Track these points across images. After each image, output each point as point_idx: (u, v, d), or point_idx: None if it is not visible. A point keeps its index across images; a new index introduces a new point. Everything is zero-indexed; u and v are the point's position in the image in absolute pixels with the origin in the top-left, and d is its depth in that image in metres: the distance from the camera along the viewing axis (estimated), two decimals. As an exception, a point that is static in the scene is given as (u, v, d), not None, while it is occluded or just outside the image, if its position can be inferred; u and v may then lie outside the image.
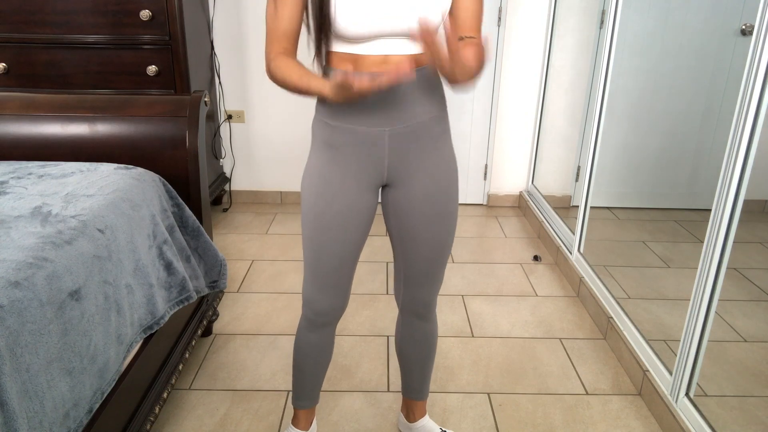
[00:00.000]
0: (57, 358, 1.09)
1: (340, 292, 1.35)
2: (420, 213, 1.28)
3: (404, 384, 1.59)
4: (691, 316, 1.61)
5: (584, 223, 2.50)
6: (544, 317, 2.29)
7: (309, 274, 1.32)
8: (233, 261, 2.70)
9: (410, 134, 1.21)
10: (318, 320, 1.39)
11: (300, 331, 1.44)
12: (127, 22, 2.54)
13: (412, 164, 1.24)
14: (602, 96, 2.30)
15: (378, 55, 1.14)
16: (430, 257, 1.33)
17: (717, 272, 1.53)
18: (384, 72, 1.06)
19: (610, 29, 2.23)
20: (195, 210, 1.84)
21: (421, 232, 1.30)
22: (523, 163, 3.45)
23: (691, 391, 1.64)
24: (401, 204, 1.28)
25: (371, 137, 1.19)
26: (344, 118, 1.19)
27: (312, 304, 1.36)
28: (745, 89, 1.40)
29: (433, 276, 1.37)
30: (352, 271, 1.34)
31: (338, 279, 1.32)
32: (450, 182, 1.29)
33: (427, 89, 1.20)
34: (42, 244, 1.18)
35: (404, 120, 1.19)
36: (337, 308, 1.37)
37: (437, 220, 1.29)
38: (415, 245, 1.32)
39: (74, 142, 1.80)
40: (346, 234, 1.26)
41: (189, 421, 1.71)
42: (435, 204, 1.27)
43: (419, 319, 1.45)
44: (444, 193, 1.28)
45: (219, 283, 1.92)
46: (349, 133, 1.19)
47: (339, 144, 1.21)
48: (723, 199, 1.48)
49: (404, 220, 1.30)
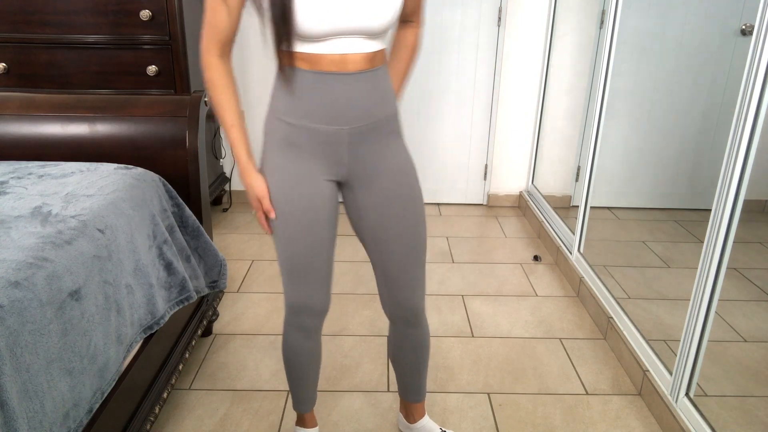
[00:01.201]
0: (57, 358, 1.09)
1: (319, 290, 1.33)
2: (386, 209, 1.28)
3: (401, 387, 1.58)
4: (691, 316, 1.61)
5: (584, 223, 2.50)
6: (544, 317, 2.29)
7: (285, 275, 1.32)
8: (233, 261, 2.70)
9: (369, 132, 1.22)
10: (301, 322, 1.37)
11: (287, 340, 1.43)
12: (127, 22, 2.54)
13: (373, 162, 1.25)
14: (602, 96, 2.30)
15: (336, 54, 1.14)
16: (405, 254, 1.32)
17: (717, 272, 1.53)
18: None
19: (610, 29, 2.23)
20: (195, 210, 1.84)
21: (391, 228, 1.29)
22: (523, 163, 3.45)
23: (691, 391, 1.64)
24: (366, 204, 1.29)
25: (331, 136, 1.20)
26: (303, 116, 1.19)
27: (294, 305, 1.35)
28: (745, 89, 1.40)
29: (413, 275, 1.35)
30: (328, 267, 1.33)
31: (315, 275, 1.31)
32: (411, 177, 1.30)
33: (383, 88, 1.22)
34: (42, 244, 1.18)
35: (363, 118, 1.20)
36: (319, 307, 1.36)
37: (405, 214, 1.29)
38: (388, 244, 1.31)
39: (74, 142, 1.80)
40: (315, 228, 1.26)
41: (189, 421, 1.71)
42: (400, 198, 1.28)
43: (410, 327, 1.43)
44: (407, 187, 1.28)
45: (219, 283, 1.92)
46: (308, 132, 1.20)
47: (298, 142, 1.21)
48: (723, 199, 1.48)
49: (372, 220, 1.30)
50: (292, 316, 1.38)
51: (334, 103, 1.17)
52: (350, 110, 1.19)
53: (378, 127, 1.23)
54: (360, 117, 1.20)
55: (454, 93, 3.30)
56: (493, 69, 3.25)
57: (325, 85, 1.16)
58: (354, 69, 1.16)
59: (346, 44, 1.14)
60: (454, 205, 3.52)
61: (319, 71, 1.15)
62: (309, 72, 1.16)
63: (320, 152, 1.22)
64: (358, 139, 1.22)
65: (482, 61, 3.24)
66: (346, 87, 1.17)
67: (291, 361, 1.45)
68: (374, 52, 1.18)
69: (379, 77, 1.21)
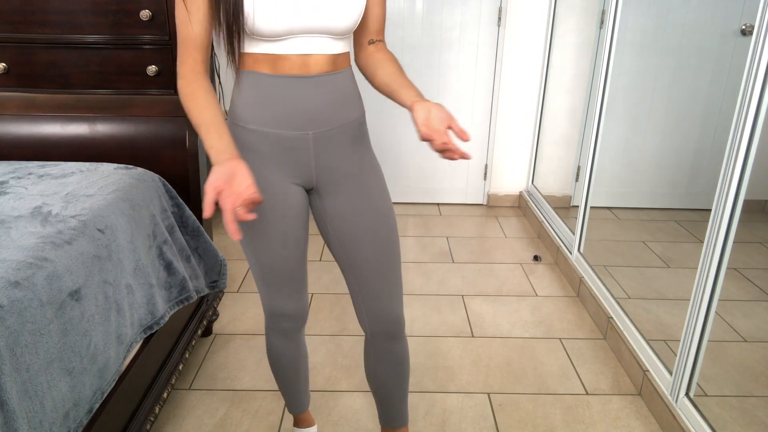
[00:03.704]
0: (57, 358, 1.09)
1: (293, 296, 1.30)
2: (355, 215, 1.23)
3: (383, 415, 1.45)
4: (691, 316, 1.61)
5: (584, 223, 2.50)
6: (544, 317, 2.29)
7: (259, 281, 1.29)
8: (233, 261, 2.70)
9: (334, 137, 1.18)
10: (280, 326, 1.35)
11: (269, 343, 1.40)
12: (127, 22, 2.54)
13: (340, 167, 1.20)
14: (602, 96, 2.30)
15: (297, 55, 1.09)
16: (378, 262, 1.26)
17: (717, 272, 1.53)
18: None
19: (610, 29, 2.23)
20: (195, 210, 1.84)
21: (361, 234, 1.24)
22: (523, 163, 3.45)
23: (691, 391, 1.64)
24: (335, 210, 1.24)
25: (295, 141, 1.15)
26: (265, 122, 1.14)
27: (275, 314, 1.32)
28: (745, 89, 1.40)
29: (389, 283, 1.28)
30: (301, 273, 1.29)
31: (288, 283, 1.27)
32: (379, 181, 1.26)
33: (348, 91, 1.19)
34: (42, 244, 1.18)
35: (328, 123, 1.16)
36: (299, 311, 1.33)
37: (374, 221, 1.24)
38: (359, 251, 1.25)
39: (74, 142, 1.80)
40: (285, 237, 1.22)
41: (189, 421, 1.70)
42: (368, 205, 1.24)
43: (391, 340, 1.33)
44: (375, 190, 1.25)
45: (219, 283, 1.92)
46: (271, 138, 1.15)
47: (262, 149, 1.16)
48: (723, 199, 1.47)
49: (342, 227, 1.25)
50: (271, 321, 1.36)
51: (297, 108, 1.13)
52: (314, 114, 1.14)
53: (343, 132, 1.19)
54: (324, 121, 1.16)
55: (454, 93, 3.30)
56: (493, 69, 3.25)
57: (287, 90, 1.11)
58: (316, 71, 1.12)
59: (308, 44, 1.09)
60: (454, 205, 3.52)
61: (281, 75, 1.10)
62: (270, 76, 1.11)
63: (285, 158, 1.17)
64: (323, 144, 1.17)
65: (482, 61, 3.24)
66: (309, 90, 1.12)
67: (276, 364, 1.43)
68: (338, 54, 1.14)
69: (343, 80, 1.17)
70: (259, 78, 1.12)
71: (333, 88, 1.15)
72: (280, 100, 1.12)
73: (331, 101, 1.16)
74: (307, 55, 1.11)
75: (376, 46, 1.24)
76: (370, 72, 1.23)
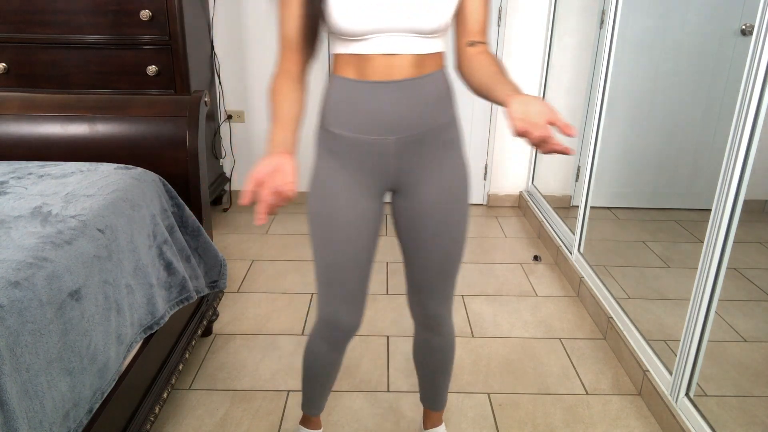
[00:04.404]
0: (57, 358, 1.09)
1: (356, 306, 1.28)
2: (426, 222, 1.23)
3: (420, 391, 1.57)
4: (691, 316, 1.61)
5: (584, 223, 2.50)
6: (544, 317, 2.29)
7: (323, 288, 1.26)
8: (233, 261, 2.70)
9: (417, 142, 1.15)
10: (334, 337, 1.32)
11: (312, 347, 1.38)
12: (127, 22, 2.54)
13: (420, 172, 1.19)
14: (602, 96, 2.30)
15: (381, 55, 1.07)
16: (436, 267, 1.28)
17: (717, 272, 1.53)
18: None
19: (610, 29, 2.23)
20: (195, 210, 1.84)
21: (427, 242, 1.25)
22: (523, 163, 3.45)
23: (691, 391, 1.64)
24: (408, 212, 1.24)
25: (377, 146, 1.14)
26: (348, 127, 1.14)
27: (329, 321, 1.29)
28: (745, 89, 1.40)
29: (441, 287, 1.32)
30: (366, 282, 1.28)
31: (353, 290, 1.26)
32: (459, 192, 1.23)
33: (435, 96, 1.15)
34: (42, 244, 1.18)
35: (411, 128, 1.13)
36: (354, 324, 1.31)
37: (444, 230, 1.24)
38: (422, 254, 1.27)
39: (74, 142, 1.80)
40: (356, 242, 1.22)
41: (189, 421, 1.71)
42: (442, 213, 1.22)
43: (429, 332, 1.40)
44: (452, 202, 1.22)
45: (219, 283, 1.92)
46: (353, 143, 1.14)
47: (343, 153, 1.16)
48: (723, 199, 1.47)
49: (411, 229, 1.26)
50: (321, 326, 1.32)
51: (380, 114, 1.11)
52: (397, 120, 1.12)
53: (427, 137, 1.16)
54: (408, 127, 1.13)
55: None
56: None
57: (371, 95, 1.10)
58: (401, 76, 1.09)
59: (392, 43, 1.06)
60: (454, 205, 3.52)
61: (365, 80, 1.10)
62: (354, 81, 1.11)
63: (366, 163, 1.16)
64: (404, 150, 1.15)
65: (482, 61, 3.24)
66: (393, 96, 1.10)
67: (310, 366, 1.41)
68: (426, 54, 1.10)
69: (431, 84, 1.13)
70: (344, 82, 1.12)
71: (419, 93, 1.12)
72: (363, 106, 1.11)
73: (416, 107, 1.12)
74: (391, 56, 1.07)
75: (476, 48, 1.16)
76: (467, 75, 1.16)
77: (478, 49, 1.15)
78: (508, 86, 1.04)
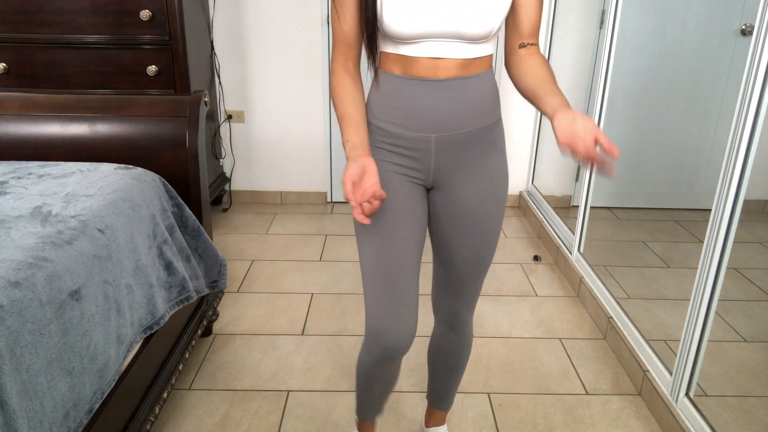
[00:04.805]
0: (57, 358, 1.09)
1: (409, 313, 1.22)
2: (465, 222, 1.23)
3: (428, 388, 1.57)
4: (691, 316, 1.61)
5: (584, 223, 2.50)
6: (544, 317, 2.29)
7: (373, 294, 1.21)
8: (233, 261, 2.70)
9: (457, 142, 1.16)
10: (387, 354, 1.24)
11: (365, 364, 1.32)
12: (127, 22, 2.54)
13: (458, 173, 1.19)
14: (602, 96, 2.30)
15: (427, 58, 1.09)
16: (469, 268, 1.28)
17: (717, 272, 1.53)
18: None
19: (610, 29, 2.23)
20: (195, 210, 1.84)
21: (458, 242, 1.25)
22: (523, 163, 3.45)
23: (691, 391, 1.64)
24: (442, 210, 1.24)
25: (418, 142, 1.15)
26: (391, 121, 1.15)
27: (381, 335, 1.21)
28: (745, 89, 1.40)
29: (470, 288, 1.32)
30: (416, 282, 1.23)
31: (406, 291, 1.21)
32: (499, 194, 1.23)
33: (478, 98, 1.15)
34: (42, 244, 1.18)
35: (452, 128, 1.14)
36: (408, 335, 1.22)
37: (476, 233, 1.24)
38: (452, 254, 1.27)
39: (74, 142, 1.80)
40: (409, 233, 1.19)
41: (189, 421, 1.71)
42: (482, 215, 1.22)
43: (451, 331, 1.41)
44: (492, 204, 1.22)
45: (219, 283, 1.92)
46: (395, 136, 1.16)
47: (385, 146, 1.17)
48: (723, 199, 1.48)
49: (444, 227, 1.26)
50: (376, 346, 1.24)
51: (423, 110, 1.12)
52: (439, 118, 1.13)
53: (469, 138, 1.16)
54: (450, 126, 1.14)
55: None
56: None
57: (415, 91, 1.12)
58: (445, 75, 1.10)
59: (439, 47, 1.08)
60: (454, 205, 3.52)
61: (410, 77, 1.11)
62: (399, 77, 1.12)
63: (407, 157, 1.17)
64: (445, 148, 1.16)
65: (482, 61, 3.24)
66: (436, 94, 1.11)
67: (363, 379, 1.37)
68: (472, 59, 1.11)
69: (476, 85, 1.14)
70: (390, 78, 1.14)
71: (462, 93, 1.13)
72: (407, 101, 1.13)
73: (459, 106, 1.13)
74: (437, 59, 1.09)
75: (527, 50, 1.17)
76: (517, 77, 1.18)
77: (530, 50, 1.17)
78: (556, 98, 1.06)
